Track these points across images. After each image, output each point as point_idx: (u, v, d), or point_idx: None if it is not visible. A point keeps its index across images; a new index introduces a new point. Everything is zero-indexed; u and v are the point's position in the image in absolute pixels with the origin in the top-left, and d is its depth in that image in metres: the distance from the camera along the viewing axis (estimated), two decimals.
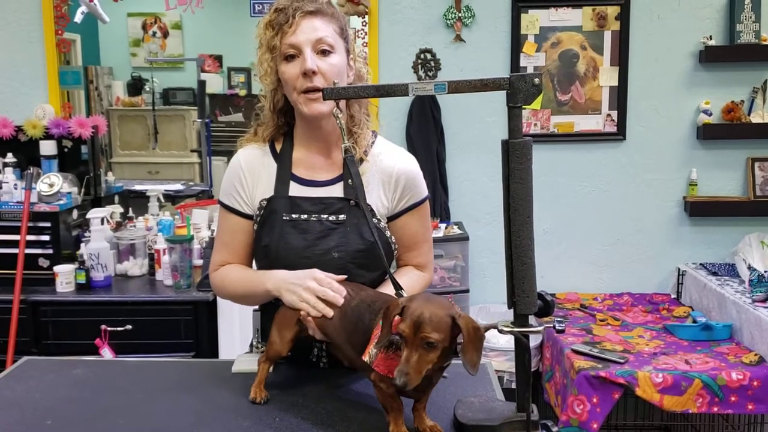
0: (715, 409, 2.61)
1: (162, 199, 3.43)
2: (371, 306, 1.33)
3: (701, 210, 3.43)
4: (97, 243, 2.90)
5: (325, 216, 1.52)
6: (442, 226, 3.29)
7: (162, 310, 2.77)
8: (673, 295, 3.45)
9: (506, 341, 3.00)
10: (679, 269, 3.44)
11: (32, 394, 1.49)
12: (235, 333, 2.74)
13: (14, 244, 2.85)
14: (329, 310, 1.36)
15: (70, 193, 3.06)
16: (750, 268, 3.10)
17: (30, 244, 2.88)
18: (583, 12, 3.36)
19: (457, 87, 1.23)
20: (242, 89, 3.70)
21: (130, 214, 3.33)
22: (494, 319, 1.62)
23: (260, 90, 1.61)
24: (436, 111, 3.38)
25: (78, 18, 3.25)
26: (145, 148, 3.72)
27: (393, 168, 1.57)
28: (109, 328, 2.70)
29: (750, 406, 2.62)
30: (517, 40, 3.37)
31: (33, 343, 2.78)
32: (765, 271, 3.02)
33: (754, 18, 3.29)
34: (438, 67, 3.41)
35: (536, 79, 1.18)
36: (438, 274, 3.18)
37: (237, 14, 3.51)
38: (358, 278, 1.49)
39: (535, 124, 3.44)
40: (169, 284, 2.89)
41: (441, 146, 3.41)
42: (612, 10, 3.36)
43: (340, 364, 1.46)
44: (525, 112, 3.37)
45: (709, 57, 3.32)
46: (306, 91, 1.48)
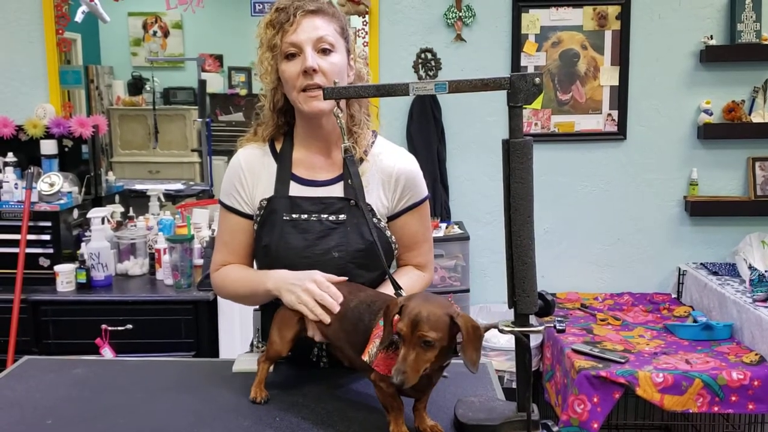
0: (716, 409, 2.61)
1: (162, 199, 3.43)
2: (371, 306, 1.33)
3: (702, 210, 3.43)
4: (98, 242, 2.90)
5: (325, 216, 1.52)
6: (443, 225, 3.29)
7: (162, 310, 2.77)
8: (674, 295, 3.45)
9: (507, 341, 3.00)
10: (680, 269, 3.44)
11: (32, 394, 1.49)
12: (236, 333, 2.74)
13: (15, 244, 2.85)
14: (326, 316, 1.36)
15: (70, 193, 3.06)
16: (750, 267, 3.10)
17: (30, 244, 2.89)
18: (583, 11, 3.36)
19: (458, 86, 1.23)
20: (243, 89, 3.70)
21: (131, 213, 3.33)
22: (495, 318, 1.62)
23: (260, 89, 1.61)
24: (436, 110, 3.38)
25: (78, 17, 3.25)
26: (145, 148, 3.72)
27: (393, 168, 1.57)
28: (110, 328, 2.70)
29: (750, 406, 2.62)
30: (517, 40, 3.37)
31: (33, 342, 2.79)
32: (765, 271, 3.02)
33: (755, 17, 3.29)
34: (438, 67, 3.41)
35: (537, 79, 1.18)
36: (438, 274, 3.18)
37: (237, 14, 3.51)
38: (358, 278, 1.49)
39: (536, 124, 3.44)
40: (170, 284, 2.89)
41: (441, 146, 3.41)
42: (613, 10, 3.35)
43: (341, 364, 1.46)
44: (525, 112, 3.37)
45: (710, 56, 3.32)
46: (306, 89, 1.48)
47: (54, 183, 2.95)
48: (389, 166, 1.57)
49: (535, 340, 3.12)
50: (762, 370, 2.63)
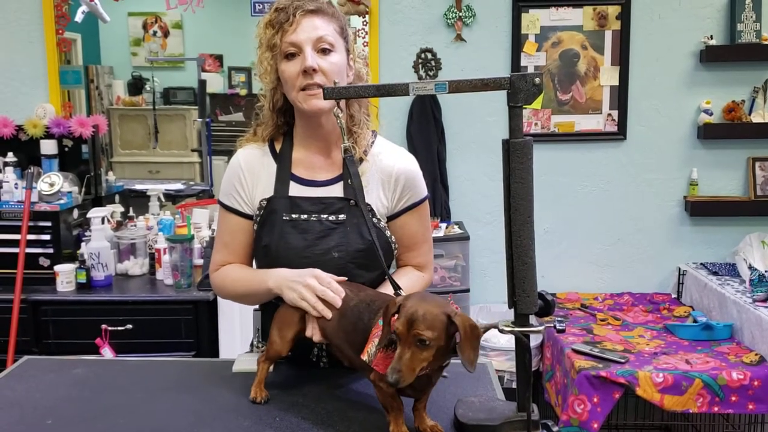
0: (716, 409, 2.61)
1: (162, 199, 3.43)
2: (370, 305, 1.33)
3: (702, 210, 3.43)
4: (98, 242, 2.90)
5: (325, 216, 1.52)
6: (443, 225, 3.28)
7: (162, 310, 2.77)
8: (674, 295, 3.45)
9: (507, 341, 3.00)
10: (680, 269, 3.44)
11: (32, 394, 1.49)
12: (236, 332, 2.74)
13: (15, 244, 2.85)
14: (328, 311, 1.36)
15: (70, 193, 3.06)
16: (750, 267, 3.10)
17: (30, 244, 2.89)
18: (583, 11, 3.36)
19: (458, 86, 1.23)
20: (243, 89, 3.70)
21: (131, 213, 3.34)
22: (495, 318, 1.62)
23: (260, 89, 1.61)
24: (436, 110, 3.38)
25: (78, 17, 3.25)
26: (145, 148, 3.72)
27: (392, 167, 1.57)
28: (110, 328, 2.70)
29: (750, 406, 2.62)
30: (517, 40, 3.37)
31: (33, 342, 2.79)
32: (765, 271, 3.02)
33: (755, 17, 3.29)
34: (438, 67, 3.41)
35: (537, 79, 1.18)
36: (438, 274, 3.18)
37: (237, 14, 3.51)
38: (358, 278, 1.49)
39: (536, 124, 3.44)
40: (170, 284, 2.89)
41: (441, 146, 3.41)
42: (613, 10, 3.35)
43: (341, 364, 1.46)
44: (526, 112, 3.37)
45: (710, 56, 3.32)
46: (305, 88, 1.48)
47: (54, 183, 2.95)
48: (389, 166, 1.57)
49: (535, 340, 3.12)
50: (762, 370, 2.63)
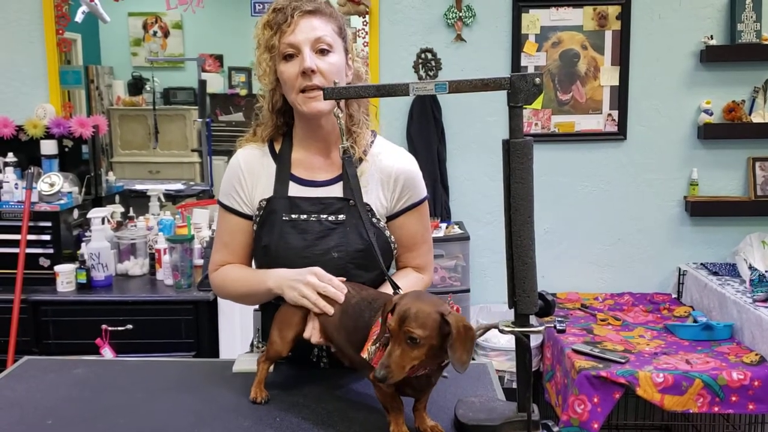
0: (716, 409, 2.61)
1: (163, 199, 3.43)
2: (371, 304, 1.33)
3: (702, 210, 3.42)
4: (98, 242, 2.90)
5: (325, 216, 1.52)
6: (443, 225, 3.28)
7: (163, 310, 2.77)
8: (674, 295, 3.45)
9: (507, 341, 3.00)
10: (680, 269, 3.43)
11: (33, 394, 1.49)
12: (236, 333, 2.74)
13: (15, 244, 2.85)
14: (329, 308, 1.36)
15: (70, 193, 3.06)
16: (751, 267, 3.10)
17: (31, 244, 2.89)
18: (583, 11, 3.36)
19: (458, 87, 1.23)
20: (243, 89, 3.70)
21: (131, 213, 3.33)
22: (495, 318, 1.62)
23: (259, 90, 1.61)
24: (436, 111, 3.38)
25: (79, 17, 3.25)
26: (145, 148, 3.73)
27: (392, 168, 1.57)
28: (110, 328, 2.70)
29: (751, 406, 2.62)
30: (517, 40, 3.37)
31: (34, 342, 2.79)
32: (766, 271, 3.02)
33: (755, 18, 3.29)
34: (439, 67, 3.41)
35: (537, 79, 1.18)
36: (439, 274, 3.18)
37: (238, 14, 3.51)
38: (358, 278, 1.48)
39: (536, 124, 3.44)
40: (170, 284, 2.89)
41: (442, 146, 3.41)
42: (613, 10, 3.35)
43: (341, 365, 1.46)
44: (526, 112, 3.37)
45: (710, 56, 3.32)
46: (305, 90, 1.47)
47: (54, 183, 2.96)
48: (388, 166, 1.57)
49: (535, 341, 3.12)
50: (762, 371, 2.63)
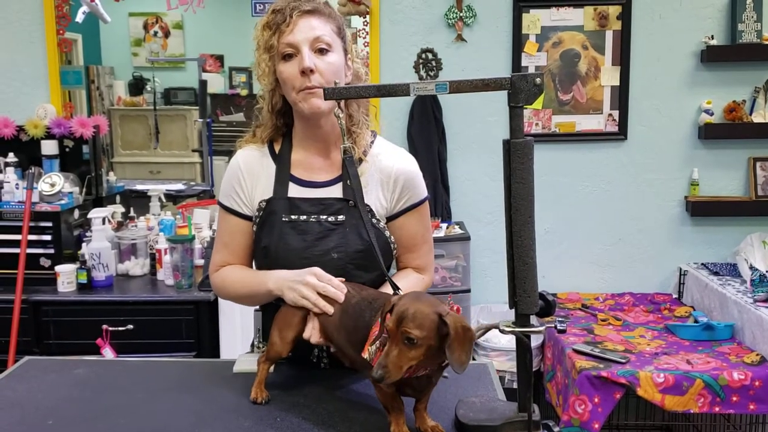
0: (717, 409, 2.61)
1: (163, 199, 3.43)
2: (372, 304, 1.33)
3: (703, 210, 3.42)
4: (99, 243, 2.90)
5: (324, 217, 1.52)
6: (444, 225, 3.28)
7: (163, 310, 2.77)
8: (675, 295, 3.45)
9: (507, 341, 3.00)
10: (681, 269, 3.43)
11: (34, 394, 1.49)
12: (237, 333, 2.74)
13: (16, 244, 2.85)
14: (329, 307, 1.36)
15: (71, 193, 3.06)
16: (751, 267, 3.10)
17: (31, 244, 2.89)
18: (584, 12, 3.36)
19: (459, 87, 1.23)
20: (243, 89, 3.70)
21: (132, 213, 3.33)
22: (495, 319, 1.62)
23: (259, 91, 1.61)
24: (437, 111, 3.38)
25: (79, 18, 3.25)
26: (146, 148, 3.73)
27: (392, 168, 1.57)
28: (111, 328, 2.71)
29: (751, 406, 2.61)
30: (518, 40, 3.37)
31: (34, 342, 2.79)
32: (766, 271, 3.01)
33: (756, 17, 3.29)
34: (439, 67, 3.41)
35: (537, 79, 1.18)
36: (439, 274, 3.18)
37: (238, 14, 3.51)
38: (358, 279, 1.48)
39: (537, 124, 3.44)
40: (171, 284, 2.89)
41: (442, 146, 3.41)
42: (613, 10, 3.35)
43: (341, 365, 1.46)
44: (526, 112, 3.37)
45: (711, 56, 3.32)
46: (304, 89, 1.47)
47: (55, 183, 2.96)
48: (388, 167, 1.57)
49: (535, 341, 3.12)
50: (763, 371, 2.63)
